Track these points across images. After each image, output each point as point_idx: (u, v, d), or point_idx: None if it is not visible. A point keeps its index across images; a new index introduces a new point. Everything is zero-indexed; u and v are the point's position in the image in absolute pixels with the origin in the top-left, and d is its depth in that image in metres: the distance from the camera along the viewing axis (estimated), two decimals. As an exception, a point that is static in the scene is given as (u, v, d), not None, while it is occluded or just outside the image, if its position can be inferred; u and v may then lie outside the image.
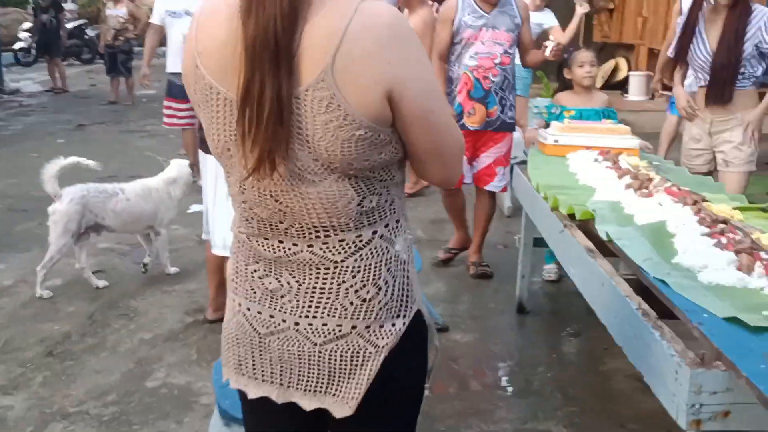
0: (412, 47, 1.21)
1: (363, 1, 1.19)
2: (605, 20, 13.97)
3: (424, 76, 1.24)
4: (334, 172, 1.23)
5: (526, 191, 3.47)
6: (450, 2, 4.16)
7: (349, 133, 1.18)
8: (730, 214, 2.48)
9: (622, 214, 2.60)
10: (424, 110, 1.23)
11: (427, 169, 1.32)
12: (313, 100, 1.17)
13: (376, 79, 1.17)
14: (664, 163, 3.81)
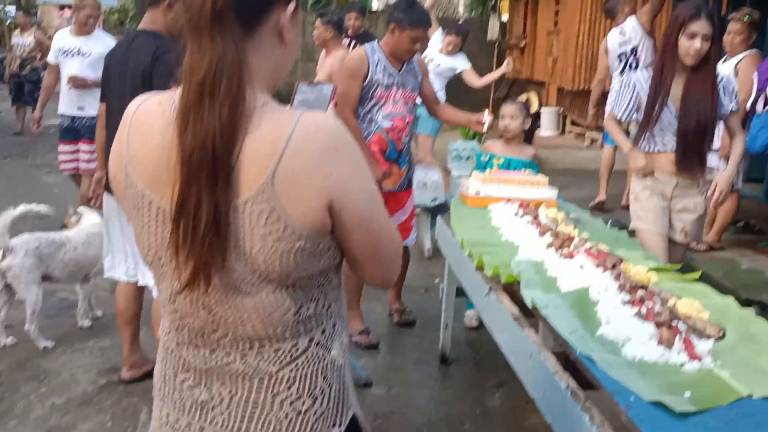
0: (353, 157, 1.20)
1: (303, 113, 1.17)
2: (517, 57, 14.41)
3: (364, 185, 1.23)
4: (271, 282, 1.20)
5: (450, 244, 3.50)
6: (359, 55, 3.98)
7: (288, 245, 1.17)
8: (647, 278, 2.56)
9: (546, 276, 2.65)
10: (364, 218, 1.23)
11: (366, 271, 1.31)
12: (252, 212, 1.15)
13: (317, 192, 1.15)
14: (580, 213, 3.91)
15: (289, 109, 1.22)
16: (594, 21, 10.39)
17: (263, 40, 1.21)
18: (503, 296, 2.59)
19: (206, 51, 1.13)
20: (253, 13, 1.19)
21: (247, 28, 1.18)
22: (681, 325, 2.09)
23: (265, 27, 1.21)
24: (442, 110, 4.38)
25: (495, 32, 15.45)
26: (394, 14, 3.92)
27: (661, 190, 3.69)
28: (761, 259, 5.31)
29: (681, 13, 3.45)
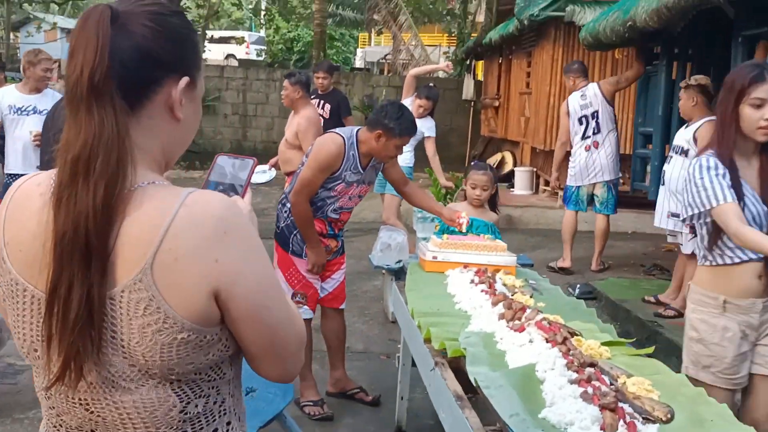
0: (244, 242, 1.11)
1: (191, 193, 1.08)
2: (492, 116, 14.57)
3: (258, 271, 1.13)
4: (152, 378, 1.09)
5: (403, 313, 3.40)
6: (337, 152, 3.77)
7: (169, 338, 1.06)
8: (598, 353, 2.48)
9: (495, 350, 2.55)
10: (257, 308, 1.12)
11: (262, 366, 1.19)
12: (129, 302, 1.05)
13: (201, 279, 1.06)
14: (539, 280, 3.83)
15: (177, 188, 1.12)
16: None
17: (152, 115, 1.14)
18: (447, 373, 2.49)
19: (82, 126, 1.05)
20: (138, 88, 1.12)
21: (133, 102, 1.11)
22: (628, 407, 1.99)
23: (154, 102, 1.14)
24: (412, 194, 4.23)
25: (470, 92, 15.67)
26: (384, 121, 3.74)
27: (744, 322, 2.73)
28: (729, 325, 5.22)
29: (737, 78, 2.73)
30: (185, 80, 1.16)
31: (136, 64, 1.10)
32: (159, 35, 1.12)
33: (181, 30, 1.17)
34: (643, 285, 6.51)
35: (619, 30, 6.53)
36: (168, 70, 1.14)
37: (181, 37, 1.17)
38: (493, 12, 14.43)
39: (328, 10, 21.65)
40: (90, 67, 1.05)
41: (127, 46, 1.09)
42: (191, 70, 1.18)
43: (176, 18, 1.17)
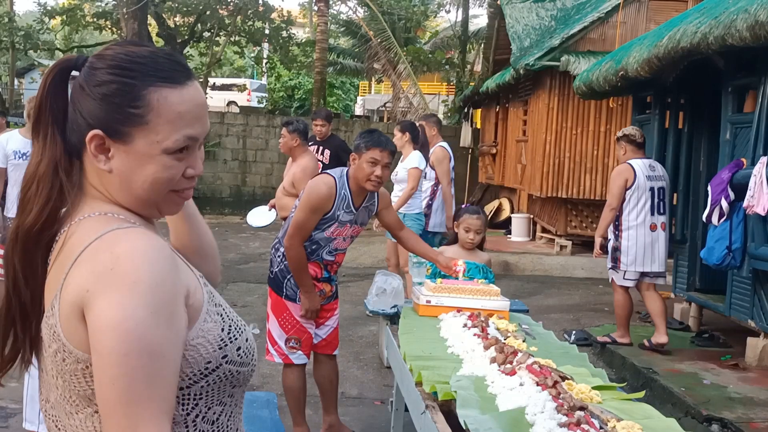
0: (128, 281, 1.04)
1: (118, 229, 1.11)
2: (489, 163, 14.69)
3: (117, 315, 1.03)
4: (89, 405, 1.10)
5: (395, 357, 3.40)
6: (328, 193, 3.77)
7: (71, 366, 1.09)
8: (589, 397, 2.49)
9: (485, 393, 2.56)
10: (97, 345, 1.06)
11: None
12: (47, 330, 1.12)
13: (76, 307, 1.07)
14: (533, 325, 3.84)
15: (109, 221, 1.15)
16: (560, 130, 10.65)
17: (87, 162, 1.20)
18: (438, 416, 2.49)
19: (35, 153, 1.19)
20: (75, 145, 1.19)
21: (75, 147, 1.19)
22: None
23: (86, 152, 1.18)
24: (408, 240, 4.22)
25: (468, 139, 15.84)
26: (355, 142, 3.84)
27: None
28: (725, 374, 5.22)
29: None
30: (92, 134, 1.14)
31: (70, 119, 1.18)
32: (81, 91, 1.16)
33: (101, 86, 1.14)
34: (638, 332, 6.50)
35: (611, 79, 6.66)
36: (81, 125, 1.16)
37: (98, 94, 1.14)
38: (490, 61, 14.66)
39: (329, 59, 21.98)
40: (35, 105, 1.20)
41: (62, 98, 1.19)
42: (110, 128, 1.14)
43: (106, 72, 1.15)
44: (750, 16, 4.49)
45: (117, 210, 1.18)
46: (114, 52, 1.16)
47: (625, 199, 5.84)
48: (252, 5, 19.62)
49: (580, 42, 10.51)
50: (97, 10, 20.66)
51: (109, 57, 1.16)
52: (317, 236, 3.85)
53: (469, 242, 4.30)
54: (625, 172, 5.83)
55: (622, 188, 5.80)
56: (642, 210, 5.84)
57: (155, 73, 1.14)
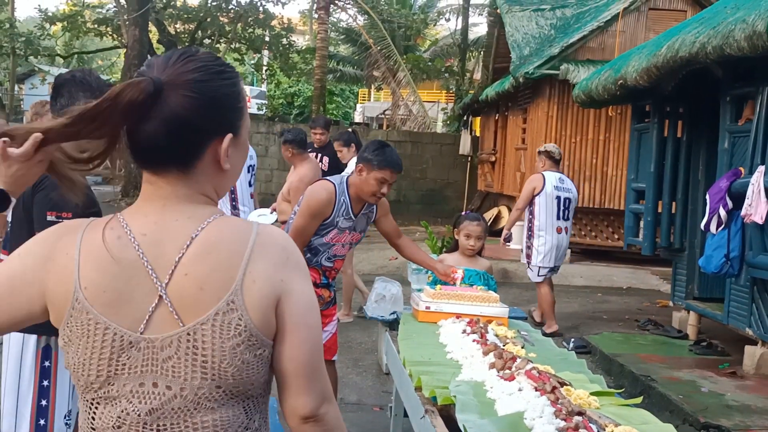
0: (300, 266, 1.28)
1: (258, 225, 1.27)
2: (488, 171, 14.72)
3: (308, 292, 1.28)
4: (233, 396, 1.23)
5: (395, 362, 3.42)
6: (327, 198, 3.77)
7: (251, 354, 1.21)
8: (587, 402, 2.50)
9: (484, 398, 2.57)
10: (303, 324, 1.26)
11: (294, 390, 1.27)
12: (222, 324, 1.19)
13: (271, 296, 1.22)
14: (532, 332, 3.86)
15: (240, 220, 1.31)
16: (559, 139, 10.68)
17: (204, 171, 1.26)
18: (437, 420, 2.51)
19: None
20: (185, 153, 1.24)
21: (186, 164, 1.24)
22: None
23: (203, 160, 1.25)
24: (405, 247, 4.21)
25: (467, 147, 15.87)
26: (364, 155, 3.78)
27: None
28: (723, 382, 5.23)
29: None
30: (228, 138, 1.25)
31: (180, 134, 1.20)
32: (199, 104, 1.21)
33: (224, 93, 1.24)
34: (637, 340, 6.52)
35: (610, 88, 6.69)
36: (210, 133, 1.24)
37: (221, 101, 1.24)
38: (489, 69, 14.71)
39: (329, 67, 22.04)
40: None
41: (170, 117, 1.19)
42: (234, 127, 1.27)
43: (219, 80, 1.24)
44: (748, 26, 4.52)
45: (216, 211, 1.28)
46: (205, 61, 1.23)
47: (536, 204, 6.80)
48: (252, 13, 19.68)
49: (580, 51, 10.57)
50: (98, 16, 20.71)
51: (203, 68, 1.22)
52: (316, 242, 3.86)
53: (470, 248, 4.32)
54: (536, 180, 6.86)
55: (530, 194, 6.83)
56: (550, 215, 6.83)
57: (233, 69, 1.29)
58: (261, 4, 19.85)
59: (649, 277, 9.97)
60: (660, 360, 5.78)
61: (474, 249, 4.32)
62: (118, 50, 22.95)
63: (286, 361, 1.24)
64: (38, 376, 2.77)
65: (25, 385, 2.76)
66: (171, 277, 1.19)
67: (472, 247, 4.31)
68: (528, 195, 6.86)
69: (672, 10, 10.64)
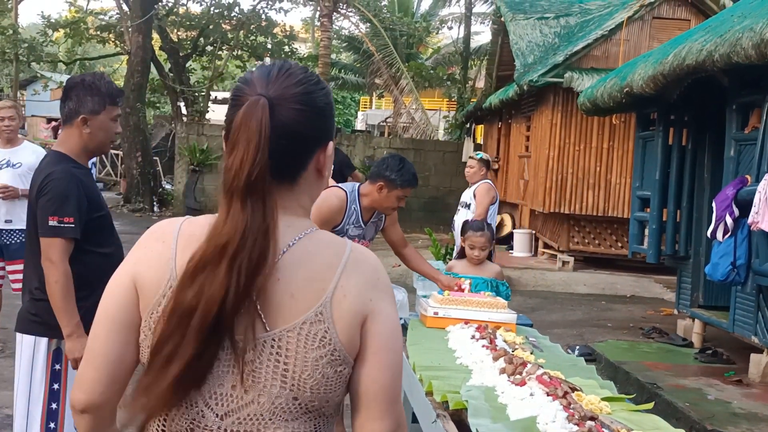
0: (388, 288, 1.28)
1: (350, 242, 1.28)
2: (491, 178, 14.68)
3: (393, 316, 1.27)
4: (308, 412, 1.20)
5: (404, 367, 3.40)
6: (339, 206, 3.82)
7: (332, 370, 1.20)
8: (599, 407, 2.49)
9: (496, 403, 2.57)
10: (387, 348, 1.25)
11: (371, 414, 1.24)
12: (307, 334, 1.18)
13: (359, 314, 1.21)
14: (539, 338, 3.85)
15: (335, 236, 1.32)
16: (563, 146, 10.69)
17: (307, 180, 1.29)
18: (449, 425, 2.50)
19: (235, 216, 1.15)
20: (295, 165, 1.26)
21: (292, 176, 1.26)
22: (628, 460, 2.00)
23: (308, 170, 1.28)
24: (411, 258, 4.20)
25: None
26: (385, 173, 3.79)
27: None
28: (729, 389, 5.22)
29: None
30: (331, 146, 1.31)
31: (291, 147, 1.22)
32: (308, 116, 1.23)
33: (324, 102, 1.28)
34: (642, 348, 6.51)
35: (616, 96, 6.70)
36: (317, 143, 1.27)
37: (324, 111, 1.27)
38: (493, 77, 14.73)
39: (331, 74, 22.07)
40: (250, 165, 1.15)
41: (282, 132, 1.20)
42: (332, 133, 1.32)
43: (319, 91, 1.27)
44: (756, 34, 4.53)
45: (312, 225, 1.29)
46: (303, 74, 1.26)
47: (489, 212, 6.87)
48: (255, 20, 19.72)
49: (584, 59, 10.58)
50: (100, 23, 20.74)
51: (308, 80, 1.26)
52: None
53: (475, 258, 4.33)
54: (493, 190, 6.99)
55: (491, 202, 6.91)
56: (493, 222, 6.83)
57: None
58: (263, 12, 19.90)
59: (652, 285, 9.96)
60: (665, 368, 5.76)
61: (479, 258, 4.33)
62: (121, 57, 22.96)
63: (368, 382, 1.23)
64: (48, 379, 2.77)
65: (36, 388, 2.76)
66: (264, 281, 1.16)
67: (477, 257, 4.32)
68: (489, 204, 6.87)
69: (676, 19, 10.66)
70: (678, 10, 10.74)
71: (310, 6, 23.55)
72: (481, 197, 6.80)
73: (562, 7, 13.17)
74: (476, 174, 7.02)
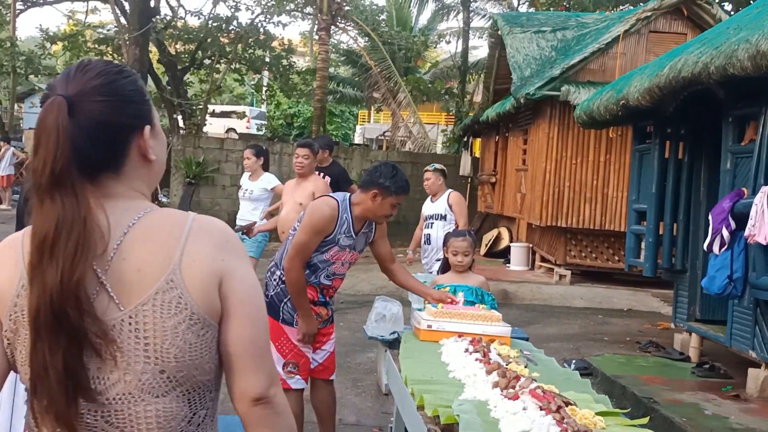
0: (240, 249, 1.32)
1: (194, 212, 1.31)
2: (488, 192, 14.70)
3: (250, 274, 1.32)
4: (177, 386, 1.22)
5: (396, 381, 3.36)
6: (331, 215, 3.76)
7: (194, 335, 1.23)
8: (593, 422, 2.45)
9: (488, 417, 2.52)
10: (248, 303, 1.29)
11: (241, 372, 1.28)
12: (162, 303, 1.21)
13: (213, 275, 1.25)
14: (534, 352, 3.80)
15: (176, 210, 1.35)
16: (559, 160, 10.68)
17: (133, 165, 1.32)
18: (440, 439, 2.45)
19: (47, 213, 1.17)
20: (112, 155, 1.28)
21: (113, 165, 1.28)
22: (622, 476, 1.96)
23: (130, 156, 1.31)
24: (397, 273, 4.13)
25: (467, 168, 15.88)
26: (379, 180, 3.76)
27: None
28: (726, 404, 5.17)
29: None
30: (147, 130, 1.32)
31: (104, 138, 1.25)
32: (114, 105, 1.26)
33: (130, 89, 1.30)
34: (639, 362, 6.46)
35: (612, 108, 6.69)
36: (132, 129, 1.30)
37: (132, 97, 1.30)
38: (490, 91, 14.75)
39: (329, 88, 22.10)
40: (52, 162, 1.17)
41: (90, 126, 1.23)
42: (148, 118, 1.33)
43: (122, 79, 1.29)
44: (751, 46, 4.52)
45: (150, 204, 1.32)
46: (102, 66, 1.29)
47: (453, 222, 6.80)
48: (253, 34, 19.74)
49: (581, 72, 10.59)
50: (98, 36, 20.77)
51: (107, 71, 1.29)
52: (316, 258, 3.81)
53: (459, 264, 4.27)
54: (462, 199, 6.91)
55: None
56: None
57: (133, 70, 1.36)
58: (262, 26, 19.93)
59: (649, 299, 9.92)
60: (662, 382, 5.71)
61: (463, 264, 4.27)
62: (119, 70, 22.98)
63: (232, 341, 1.26)
64: None
65: (20, 400, 2.71)
66: (110, 264, 1.21)
67: (460, 263, 4.27)
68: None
69: (672, 33, 10.68)
70: (674, 24, 10.76)
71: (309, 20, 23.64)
72: (460, 207, 6.81)
73: (558, 21, 13.20)
74: (435, 184, 7.01)
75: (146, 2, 17.55)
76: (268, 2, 19.40)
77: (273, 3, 19.12)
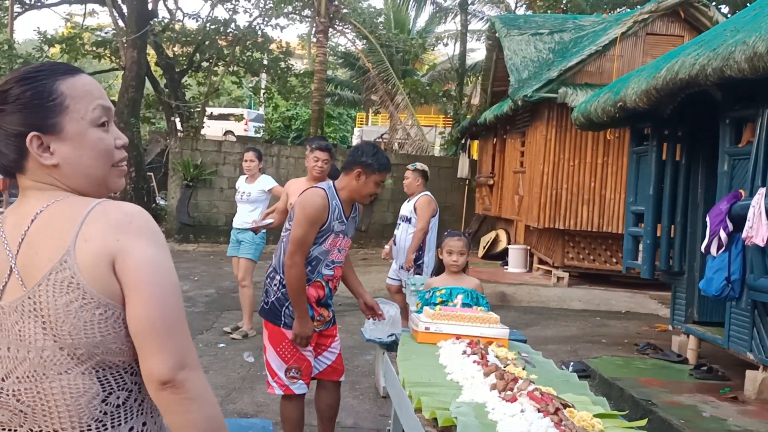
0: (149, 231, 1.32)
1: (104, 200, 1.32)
2: (486, 194, 14.70)
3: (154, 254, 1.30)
4: (80, 362, 1.25)
5: (394, 384, 3.35)
6: (322, 204, 3.78)
7: (89, 313, 1.25)
8: (591, 424, 2.45)
9: (486, 420, 2.52)
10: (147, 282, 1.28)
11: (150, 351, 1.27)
12: (54, 283, 1.25)
13: (104, 254, 1.27)
14: (532, 353, 3.80)
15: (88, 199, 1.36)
16: (557, 162, 10.68)
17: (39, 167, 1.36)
18: (438, 442, 2.44)
19: None
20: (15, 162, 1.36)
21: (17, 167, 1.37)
22: (620, 478, 1.95)
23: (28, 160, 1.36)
24: (344, 267, 4.13)
25: (465, 170, 15.88)
26: (361, 159, 3.81)
27: None
28: (724, 406, 5.16)
29: None
30: (30, 137, 1.34)
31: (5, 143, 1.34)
32: (6, 113, 1.33)
33: (18, 98, 1.33)
34: (637, 364, 6.46)
35: (609, 110, 6.69)
36: (21, 136, 1.33)
37: (18, 106, 1.33)
38: (487, 93, 14.75)
39: (327, 90, 22.10)
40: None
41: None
42: (43, 126, 1.34)
43: (19, 86, 1.33)
44: (748, 48, 4.52)
45: (63, 195, 1.35)
46: (12, 74, 1.36)
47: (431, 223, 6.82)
48: (251, 36, 19.74)
49: (578, 74, 10.61)
50: (96, 38, 20.75)
51: (13, 78, 1.35)
52: (315, 251, 3.82)
53: (453, 264, 4.27)
54: (433, 202, 6.86)
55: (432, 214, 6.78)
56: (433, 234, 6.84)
57: (55, 71, 1.36)
58: (260, 28, 19.93)
59: (647, 301, 9.92)
60: (660, 384, 5.71)
61: (458, 264, 4.27)
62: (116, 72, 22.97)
63: (135, 319, 1.27)
64: None
65: None
66: (19, 249, 1.29)
67: (455, 263, 4.26)
68: (430, 216, 6.76)
69: (669, 35, 10.70)
70: (671, 26, 10.78)
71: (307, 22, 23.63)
72: (422, 211, 6.74)
73: (556, 23, 13.22)
74: (413, 185, 6.91)
75: (144, 5, 17.56)
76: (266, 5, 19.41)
77: (271, 6, 19.13)
